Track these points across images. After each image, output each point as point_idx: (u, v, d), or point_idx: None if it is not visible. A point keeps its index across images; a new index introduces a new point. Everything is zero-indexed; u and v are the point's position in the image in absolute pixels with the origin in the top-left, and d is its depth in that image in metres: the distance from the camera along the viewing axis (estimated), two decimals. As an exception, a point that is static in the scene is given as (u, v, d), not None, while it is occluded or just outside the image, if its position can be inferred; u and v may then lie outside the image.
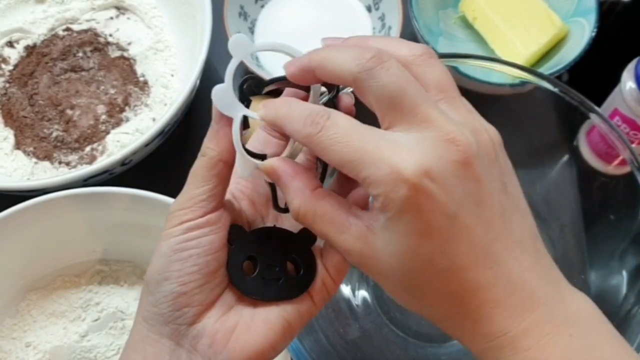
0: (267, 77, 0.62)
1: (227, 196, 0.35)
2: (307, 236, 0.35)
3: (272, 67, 0.65)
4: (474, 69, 0.54)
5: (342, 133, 0.30)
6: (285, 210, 0.34)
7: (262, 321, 0.33)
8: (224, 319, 0.33)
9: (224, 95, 0.33)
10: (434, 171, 0.28)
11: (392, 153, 0.29)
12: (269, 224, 0.36)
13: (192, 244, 0.33)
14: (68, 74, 0.68)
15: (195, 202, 0.33)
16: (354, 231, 0.31)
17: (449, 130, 0.29)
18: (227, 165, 0.33)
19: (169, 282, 0.32)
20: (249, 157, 0.33)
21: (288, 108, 0.32)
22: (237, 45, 0.34)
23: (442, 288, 0.30)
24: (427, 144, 0.29)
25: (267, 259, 0.34)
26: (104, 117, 0.65)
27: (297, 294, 0.34)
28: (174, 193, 0.39)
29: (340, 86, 0.35)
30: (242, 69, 0.69)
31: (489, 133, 0.31)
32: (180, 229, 0.33)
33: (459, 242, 0.29)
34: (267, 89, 0.35)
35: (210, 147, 0.33)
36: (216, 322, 0.33)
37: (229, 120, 0.33)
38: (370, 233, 0.31)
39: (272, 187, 0.35)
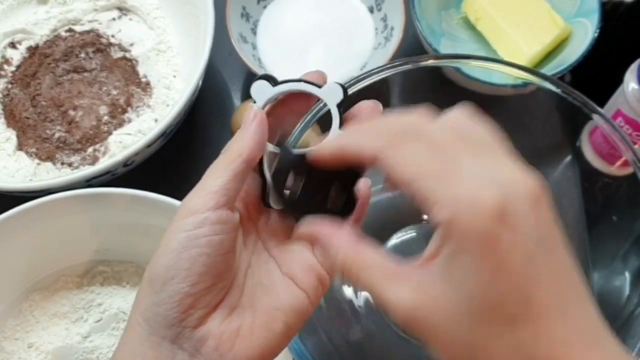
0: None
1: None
2: (352, 170, 0.35)
3: (272, 67, 0.65)
4: (476, 69, 0.54)
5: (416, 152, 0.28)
6: (275, 207, 0.35)
7: (263, 325, 0.33)
8: (228, 322, 0.33)
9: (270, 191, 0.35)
10: (512, 204, 0.26)
11: (470, 177, 0.27)
12: (262, 224, 0.36)
13: (203, 241, 0.32)
14: (70, 75, 0.68)
15: (207, 193, 0.33)
16: (404, 277, 0.28)
17: (512, 169, 0.27)
18: (246, 163, 0.33)
19: (176, 282, 0.32)
20: (278, 195, 0.35)
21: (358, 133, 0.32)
22: (259, 92, 0.35)
23: (509, 334, 0.27)
24: (497, 180, 0.27)
25: (314, 178, 0.34)
26: (106, 118, 0.65)
27: (337, 217, 0.34)
28: (176, 194, 0.39)
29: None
30: (244, 69, 0.69)
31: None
32: (191, 223, 0.32)
33: (533, 287, 0.26)
34: (278, 88, 0.36)
35: (231, 144, 0.34)
36: (221, 324, 0.33)
37: (257, 124, 0.34)
38: (425, 275, 0.28)
39: (263, 184, 0.35)
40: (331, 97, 0.36)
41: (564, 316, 0.27)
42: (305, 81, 0.35)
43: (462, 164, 0.27)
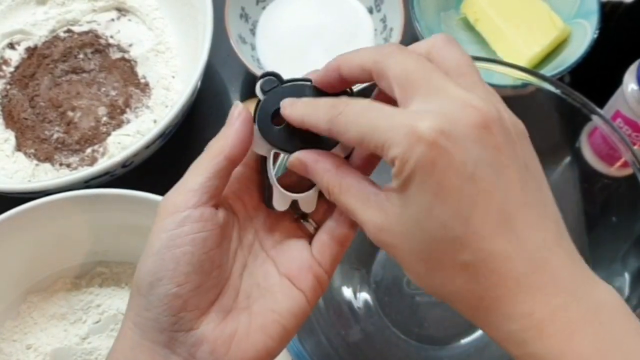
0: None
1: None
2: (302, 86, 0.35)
3: (271, 68, 0.65)
4: (475, 70, 0.54)
5: (360, 110, 0.31)
6: (278, 209, 0.35)
7: (259, 328, 0.33)
8: (223, 325, 0.32)
9: (256, 136, 0.34)
10: (451, 130, 0.28)
11: (409, 118, 0.29)
12: (259, 224, 0.36)
13: (186, 240, 0.32)
14: (69, 76, 0.68)
15: (189, 191, 0.32)
16: (374, 202, 0.31)
17: (467, 97, 0.29)
18: (229, 160, 0.33)
19: (163, 283, 0.31)
20: (284, 191, 0.35)
21: (312, 104, 0.33)
22: (266, 86, 0.35)
23: (456, 257, 0.29)
24: (445, 108, 0.29)
25: None
26: (105, 118, 0.65)
27: (323, 148, 0.34)
28: (175, 195, 0.38)
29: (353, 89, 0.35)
30: (243, 70, 0.69)
31: (511, 118, 0.31)
32: (172, 222, 0.32)
33: (474, 207, 0.28)
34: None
35: (214, 141, 0.34)
36: (216, 328, 0.32)
37: (241, 122, 0.34)
38: (387, 202, 0.30)
39: (269, 186, 0.35)
40: None
41: (508, 234, 0.29)
42: (311, 81, 0.35)
43: (414, 99, 0.30)
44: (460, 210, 0.28)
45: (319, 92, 0.35)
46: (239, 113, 0.34)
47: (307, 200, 0.36)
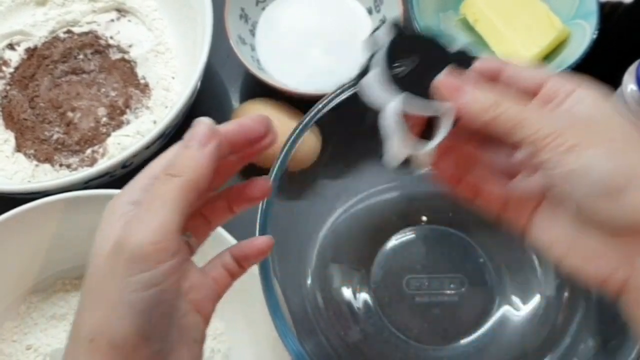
0: (266, 79, 0.61)
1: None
2: (463, 58, 0.35)
3: (271, 68, 0.65)
4: (475, 71, 0.54)
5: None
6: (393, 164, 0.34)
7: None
8: None
9: (374, 85, 0.33)
10: None
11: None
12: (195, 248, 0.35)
13: (163, 309, 0.29)
14: (69, 77, 0.68)
15: (166, 232, 0.29)
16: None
17: None
18: (200, 193, 0.30)
19: (152, 342, 0.29)
20: (407, 141, 0.33)
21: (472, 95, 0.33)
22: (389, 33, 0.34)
23: None
24: None
25: (425, 62, 0.34)
26: (104, 119, 0.65)
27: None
28: (174, 196, 0.38)
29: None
30: (243, 71, 0.69)
31: None
32: (147, 280, 0.28)
33: None
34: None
35: (188, 166, 0.30)
36: None
37: (215, 148, 0.31)
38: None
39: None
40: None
41: None
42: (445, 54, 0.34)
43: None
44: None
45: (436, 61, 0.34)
46: (212, 133, 0.31)
47: (426, 154, 0.35)
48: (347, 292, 0.57)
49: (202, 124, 0.31)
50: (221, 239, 0.50)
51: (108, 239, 0.29)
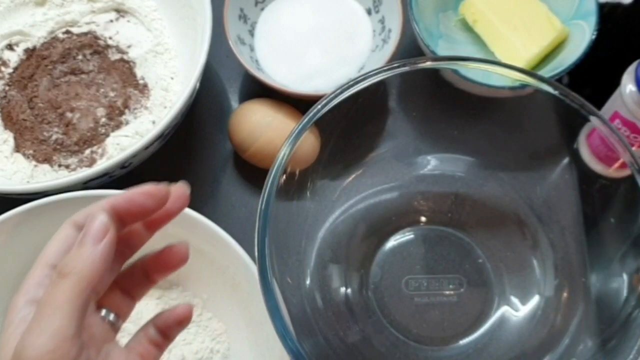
0: (265, 79, 0.61)
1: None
2: None
3: (270, 69, 0.65)
4: (474, 71, 0.54)
5: None
6: None
7: None
8: None
9: None
10: None
11: None
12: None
13: None
14: (68, 77, 0.68)
15: (63, 340, 0.27)
16: None
17: None
18: (97, 289, 0.30)
19: None
20: None
21: None
22: None
23: None
24: None
25: None
26: (103, 120, 0.65)
27: None
28: (173, 196, 0.38)
29: None
30: (242, 71, 0.69)
31: None
32: None
33: None
34: None
35: (82, 264, 0.29)
36: None
37: (110, 245, 0.30)
38: None
39: None
40: None
41: None
42: None
43: None
44: None
45: None
46: (105, 228, 0.30)
47: None
48: (346, 293, 0.57)
49: (97, 220, 0.31)
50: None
51: (10, 349, 0.29)
